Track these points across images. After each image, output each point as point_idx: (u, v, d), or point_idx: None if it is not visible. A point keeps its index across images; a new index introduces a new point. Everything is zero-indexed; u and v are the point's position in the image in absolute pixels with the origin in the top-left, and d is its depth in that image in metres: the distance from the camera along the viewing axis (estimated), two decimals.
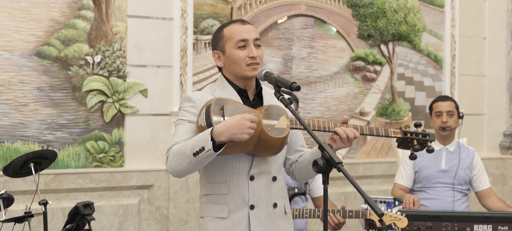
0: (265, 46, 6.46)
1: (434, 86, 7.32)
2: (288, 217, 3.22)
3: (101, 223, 5.77)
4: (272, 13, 6.52)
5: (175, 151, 2.96)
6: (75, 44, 5.69)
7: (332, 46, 6.80)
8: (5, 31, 5.46)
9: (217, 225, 3.08)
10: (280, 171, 3.18)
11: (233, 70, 3.15)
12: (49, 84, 5.62)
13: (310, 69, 6.70)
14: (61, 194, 5.63)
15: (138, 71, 5.92)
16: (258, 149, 3.00)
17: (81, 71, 5.72)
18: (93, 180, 5.75)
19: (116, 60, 5.83)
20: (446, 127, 5.12)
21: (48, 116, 5.62)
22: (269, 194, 3.10)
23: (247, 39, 3.15)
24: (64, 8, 5.67)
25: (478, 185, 5.18)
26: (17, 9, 5.50)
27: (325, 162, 2.74)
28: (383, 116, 7.06)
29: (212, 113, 2.91)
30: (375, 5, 6.93)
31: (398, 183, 5.21)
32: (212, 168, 3.09)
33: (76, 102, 5.72)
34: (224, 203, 3.08)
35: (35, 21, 5.56)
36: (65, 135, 5.69)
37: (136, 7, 5.91)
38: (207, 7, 6.19)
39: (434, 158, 5.13)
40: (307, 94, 6.67)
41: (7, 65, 5.47)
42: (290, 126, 3.04)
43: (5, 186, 5.24)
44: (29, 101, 5.55)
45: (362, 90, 6.96)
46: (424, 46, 7.25)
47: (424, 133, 3.32)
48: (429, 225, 4.48)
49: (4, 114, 5.47)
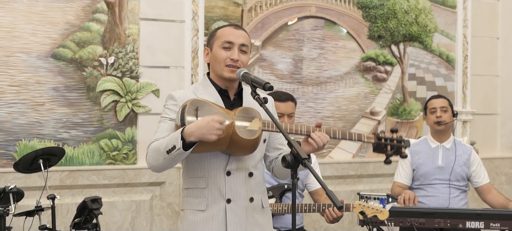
0: (275, 47, 6.64)
1: (446, 86, 7.41)
2: (265, 211, 3.38)
3: (114, 218, 6.00)
4: (282, 15, 6.69)
5: (153, 148, 3.16)
6: (90, 46, 5.93)
7: (342, 47, 6.94)
8: (22, 34, 5.71)
9: (196, 217, 3.26)
10: (256, 167, 3.32)
11: (215, 68, 3.33)
12: (65, 84, 5.86)
13: (321, 70, 6.85)
14: (76, 190, 5.87)
15: (150, 72, 6.13)
16: (232, 149, 3.17)
17: (95, 72, 5.95)
18: (107, 176, 5.98)
19: (129, 61, 6.05)
20: (440, 121, 5.23)
21: (64, 115, 5.86)
22: (245, 189, 3.26)
23: (233, 42, 3.30)
24: (78, 11, 5.91)
25: (477, 181, 5.28)
26: (34, 13, 5.75)
27: (293, 158, 2.90)
28: (394, 115, 7.18)
29: (186, 114, 3.09)
30: (386, 6, 7.06)
31: (397, 181, 5.34)
32: (192, 163, 3.27)
33: (91, 102, 5.95)
34: (202, 196, 3.26)
35: (51, 24, 5.81)
36: (80, 133, 5.92)
37: (149, 10, 6.13)
38: (218, 9, 6.38)
39: (431, 155, 5.26)
40: (317, 94, 6.82)
41: (24, 66, 5.73)
42: (262, 128, 3.18)
43: (23, 182, 5.50)
44: (45, 101, 5.80)
45: (373, 90, 7.08)
46: (435, 47, 7.35)
47: (399, 139, 3.34)
48: (422, 221, 4.60)
49: (22, 113, 5.72)
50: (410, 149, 5.34)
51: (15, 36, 5.68)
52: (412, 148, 5.36)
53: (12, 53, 5.68)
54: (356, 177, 6.97)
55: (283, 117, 4.55)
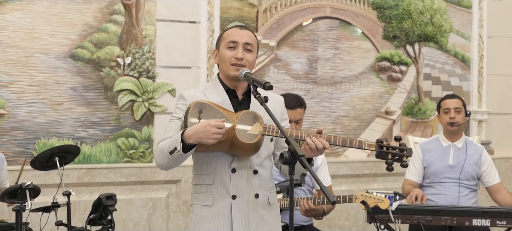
0: (290, 48, 6.73)
1: (461, 86, 7.45)
2: (272, 207, 3.46)
3: (131, 215, 6.13)
4: (297, 16, 6.77)
5: (159, 147, 3.29)
6: (107, 47, 6.06)
7: (357, 47, 7.02)
8: (41, 35, 5.86)
9: (203, 212, 3.37)
10: (262, 165, 3.41)
11: (222, 68, 3.44)
12: (83, 84, 6.00)
13: (335, 70, 6.92)
14: (93, 188, 6.00)
15: (167, 72, 6.25)
16: (233, 150, 3.28)
17: (112, 72, 6.08)
18: (124, 174, 6.11)
19: (145, 61, 6.18)
20: (454, 123, 5.28)
21: (82, 114, 6.00)
22: (250, 186, 3.36)
23: (237, 41, 3.39)
24: (96, 13, 6.04)
25: (487, 181, 5.33)
26: (53, 15, 5.89)
27: (290, 155, 2.99)
28: (409, 115, 7.23)
29: (189, 116, 3.20)
30: (401, 7, 7.12)
31: (408, 178, 5.40)
32: (200, 161, 3.39)
33: (108, 101, 6.08)
34: (209, 192, 3.37)
35: (69, 26, 5.95)
36: (98, 132, 6.06)
37: (165, 11, 6.25)
38: (233, 10, 6.48)
39: (442, 154, 5.32)
40: (332, 94, 6.90)
41: (44, 67, 5.87)
42: (263, 132, 3.26)
43: (42, 179, 5.64)
44: (64, 100, 5.94)
45: (388, 90, 7.15)
46: (451, 47, 7.39)
47: (402, 147, 3.32)
48: (429, 219, 4.67)
49: (41, 113, 5.86)
50: (421, 147, 5.41)
51: (34, 37, 5.83)
52: (423, 146, 5.42)
53: (31, 54, 5.82)
54: (371, 176, 7.04)
55: (291, 124, 4.62)
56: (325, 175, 4.86)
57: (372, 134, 7.06)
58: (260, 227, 3.38)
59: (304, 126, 6.43)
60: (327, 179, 4.87)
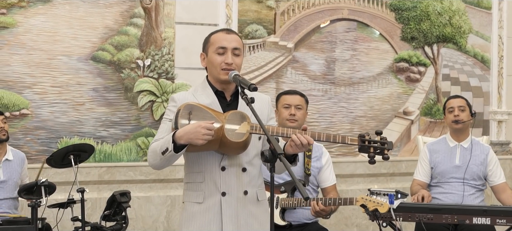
0: (307, 49, 6.86)
1: (481, 86, 7.49)
2: (261, 204, 3.59)
3: (150, 212, 6.33)
4: (315, 18, 6.90)
5: (152, 148, 3.44)
6: (127, 49, 6.27)
7: (375, 48, 7.11)
8: (64, 38, 6.09)
9: (194, 208, 3.52)
10: (251, 163, 3.54)
11: (211, 72, 3.58)
12: (104, 85, 6.21)
13: (353, 71, 7.03)
14: (114, 185, 6.20)
15: (185, 73, 6.44)
16: (223, 149, 3.42)
17: (132, 74, 6.28)
18: (143, 172, 6.31)
19: (165, 63, 6.37)
20: (458, 120, 5.35)
21: (103, 114, 6.22)
22: (239, 183, 3.49)
23: (226, 47, 3.53)
24: (117, 16, 6.25)
25: (493, 180, 5.39)
26: (75, 18, 6.12)
27: (270, 153, 3.13)
28: (428, 115, 7.30)
29: (180, 117, 3.35)
30: (419, 9, 7.19)
31: (416, 178, 5.49)
32: (191, 159, 3.54)
33: (128, 102, 6.29)
34: (200, 190, 3.51)
35: (91, 29, 6.17)
36: (118, 132, 6.27)
37: (184, 14, 6.43)
38: (251, 13, 6.64)
39: (449, 154, 5.39)
40: (350, 95, 7.01)
41: (66, 68, 6.10)
42: (250, 131, 3.41)
43: (65, 177, 5.85)
44: (85, 101, 6.16)
45: (406, 90, 7.23)
46: (470, 48, 7.44)
47: (383, 141, 3.43)
48: (430, 217, 4.75)
49: (63, 113, 6.09)
50: (429, 148, 5.49)
51: (57, 40, 6.06)
52: (431, 146, 5.50)
53: (54, 56, 6.06)
54: (388, 175, 7.13)
55: (290, 108, 4.77)
56: (330, 174, 4.97)
57: (390, 133, 7.14)
58: (249, 223, 3.51)
59: (313, 125, 6.56)
60: (332, 178, 4.97)
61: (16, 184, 5.38)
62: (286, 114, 4.77)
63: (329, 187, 4.95)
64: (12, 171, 5.43)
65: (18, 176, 5.46)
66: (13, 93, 5.95)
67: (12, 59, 5.94)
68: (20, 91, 5.97)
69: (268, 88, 6.65)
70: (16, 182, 5.41)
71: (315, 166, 4.90)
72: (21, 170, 5.51)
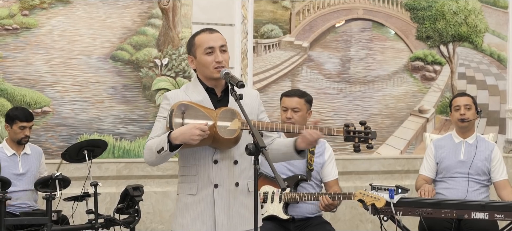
0: (323, 48, 7.00)
1: (497, 85, 7.55)
2: (252, 194, 3.74)
3: (167, 207, 6.53)
4: (330, 18, 7.03)
5: (148, 146, 3.64)
6: (145, 49, 6.48)
7: (390, 47, 7.22)
8: (83, 38, 6.32)
9: (188, 200, 3.71)
10: (242, 156, 3.70)
11: (203, 72, 3.74)
12: (122, 84, 6.43)
13: (368, 69, 7.15)
14: (132, 180, 6.40)
15: None
16: (215, 145, 3.60)
17: (150, 73, 6.49)
18: (160, 168, 6.49)
19: (182, 62, 6.56)
20: (464, 119, 5.45)
21: (121, 112, 6.44)
22: (231, 175, 3.67)
23: (214, 46, 3.70)
24: (135, 17, 6.47)
25: (495, 176, 5.47)
26: (94, 19, 6.35)
27: (254, 146, 3.30)
28: (443, 113, 7.38)
29: (174, 116, 3.54)
30: (434, 8, 7.28)
31: (422, 174, 5.60)
32: (185, 154, 3.72)
33: (146, 100, 6.50)
34: (193, 182, 3.70)
35: (110, 29, 6.39)
36: (136, 129, 6.48)
37: (200, 14, 6.62)
38: (267, 13, 6.80)
39: (454, 149, 5.49)
40: (365, 93, 7.12)
41: (86, 67, 6.33)
42: (242, 127, 3.58)
43: (84, 172, 6.05)
44: (104, 99, 6.39)
45: (421, 89, 7.32)
46: (486, 47, 7.50)
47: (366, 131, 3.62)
48: (429, 211, 4.87)
49: (83, 110, 6.33)
50: (434, 144, 5.60)
51: (77, 40, 6.30)
52: (436, 142, 5.61)
53: (74, 56, 6.29)
54: (403, 172, 7.23)
55: (287, 111, 4.92)
56: (332, 168, 5.10)
57: (405, 131, 7.25)
58: (241, 213, 3.68)
59: (328, 122, 6.69)
60: (334, 173, 5.11)
61: (34, 177, 5.62)
62: (284, 117, 4.95)
63: (331, 181, 5.08)
64: (31, 164, 5.68)
65: (36, 169, 5.70)
66: (35, 91, 6.20)
67: (34, 59, 6.19)
68: (42, 90, 6.21)
69: (284, 86, 6.78)
70: (35, 175, 5.65)
71: (318, 162, 5.05)
72: (39, 163, 5.75)
